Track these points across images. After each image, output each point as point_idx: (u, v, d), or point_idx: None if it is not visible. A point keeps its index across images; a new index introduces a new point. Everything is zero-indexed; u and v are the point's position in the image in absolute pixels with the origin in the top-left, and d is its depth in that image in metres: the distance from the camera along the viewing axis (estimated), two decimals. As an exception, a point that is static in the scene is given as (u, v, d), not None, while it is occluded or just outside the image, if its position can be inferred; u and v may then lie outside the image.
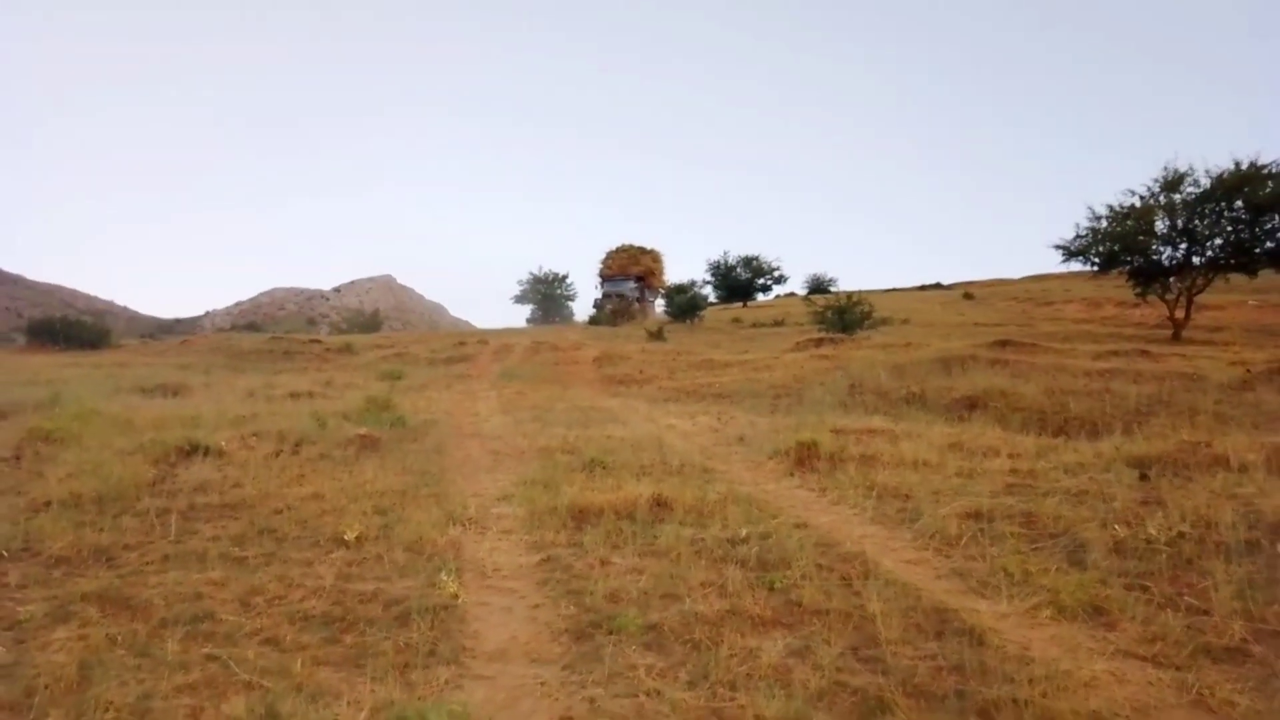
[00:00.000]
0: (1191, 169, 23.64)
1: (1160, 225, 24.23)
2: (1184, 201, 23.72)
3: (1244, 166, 22.74)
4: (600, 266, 55.87)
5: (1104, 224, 25.00)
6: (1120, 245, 24.47)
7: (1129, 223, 24.16)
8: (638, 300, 51.13)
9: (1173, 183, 23.76)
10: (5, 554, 5.47)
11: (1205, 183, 23.36)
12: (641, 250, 55.89)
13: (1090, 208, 25.34)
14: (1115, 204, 24.99)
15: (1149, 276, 24.94)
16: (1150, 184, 24.35)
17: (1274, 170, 22.50)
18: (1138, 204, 24.43)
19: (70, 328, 34.62)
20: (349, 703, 3.43)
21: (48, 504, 6.59)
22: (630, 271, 53.56)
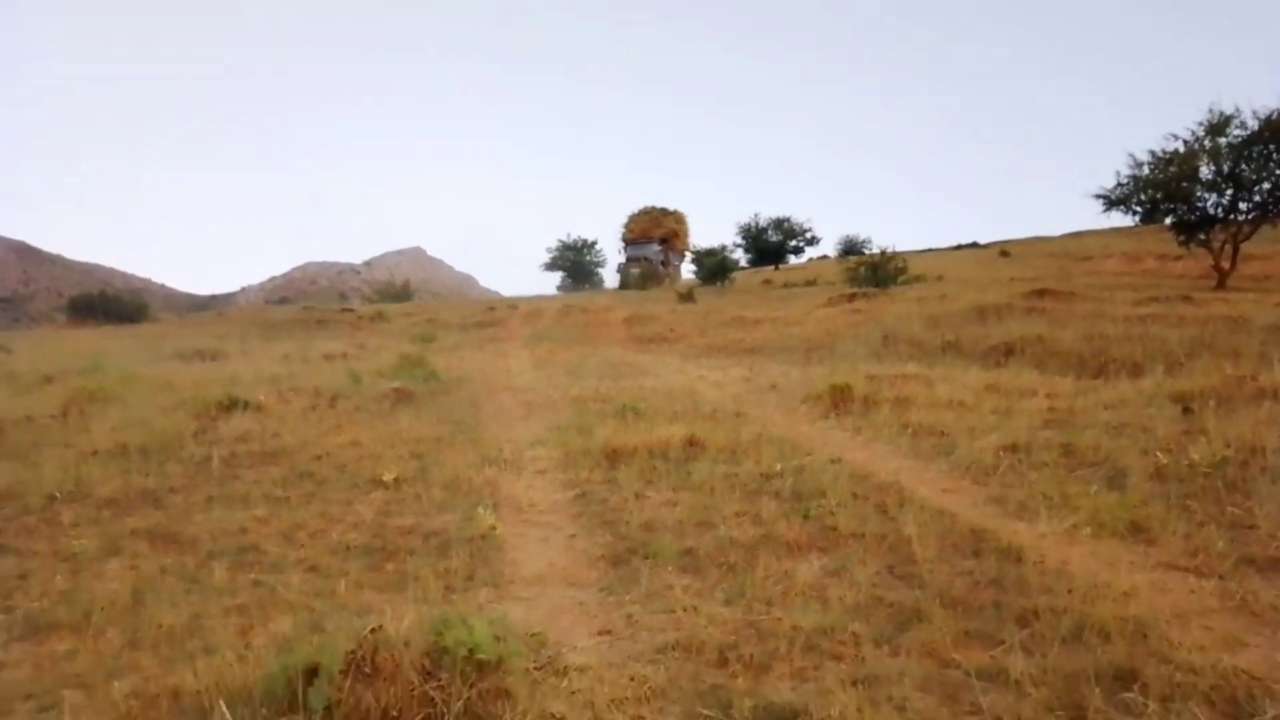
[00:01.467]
0: (1238, 111, 22.65)
1: (1205, 171, 23.39)
2: (1229, 145, 22.86)
3: (1293, 106, 21.88)
4: (622, 230, 53.19)
5: (1145, 171, 24.22)
6: (1163, 193, 23.74)
7: (1172, 169, 23.37)
8: (662, 264, 49.03)
9: (1218, 126, 22.84)
10: (58, 495, 5.63)
11: (1252, 125, 22.48)
12: (665, 212, 53.14)
13: (1131, 154, 24.40)
14: (1158, 149, 24.17)
15: (1193, 227, 24.18)
16: (1194, 128, 23.49)
17: (1326, 110, 21.60)
18: (1181, 149, 23.60)
19: (109, 303, 35.28)
20: (392, 618, 3.50)
21: (95, 453, 6.76)
22: (653, 234, 50.96)
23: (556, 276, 60.51)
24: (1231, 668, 2.79)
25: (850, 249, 53.23)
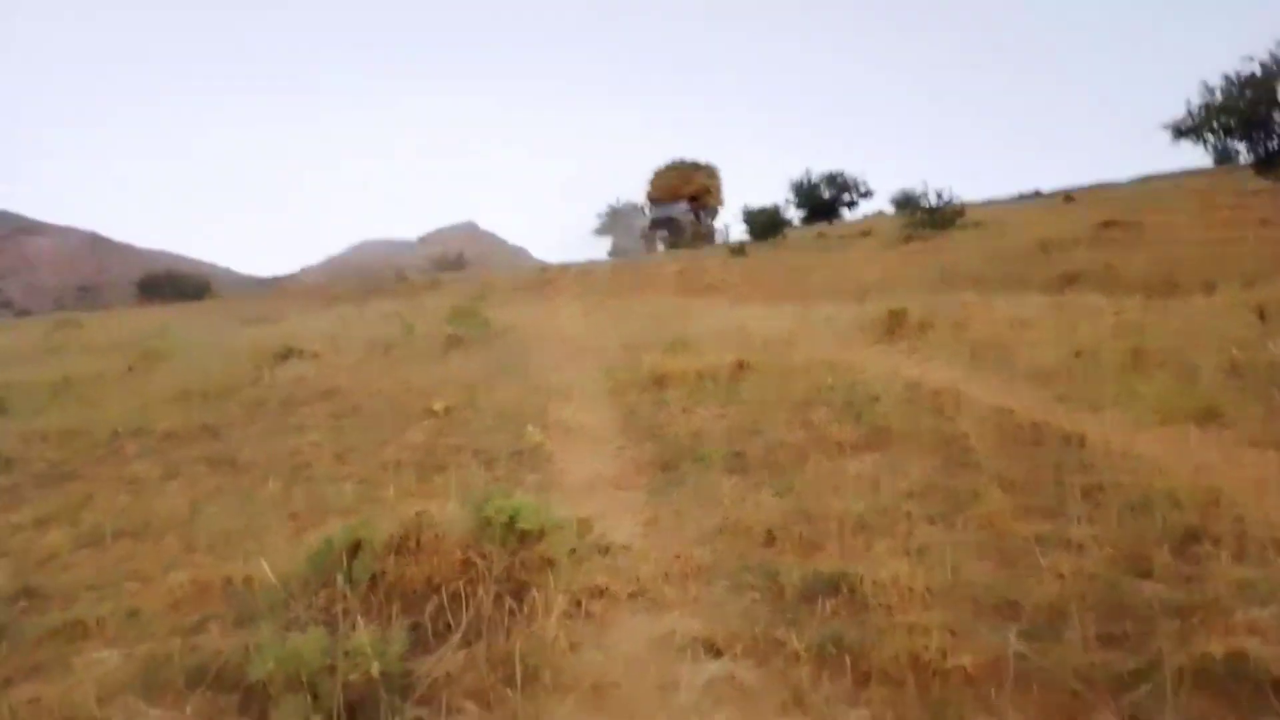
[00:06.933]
0: (1320, 27, 21.41)
1: (1285, 94, 22.10)
2: (1312, 64, 21.55)
3: (1380, 18, 20.49)
4: (648, 188, 48.32)
5: (1219, 97, 22.97)
6: (1238, 120, 22.49)
7: (1248, 93, 22.13)
8: (692, 223, 44.53)
9: (1298, 45, 21.58)
10: (121, 432, 5.81)
11: (1337, 40, 21.13)
12: (695, 167, 47.90)
13: (1204, 81, 23.18)
14: (1232, 74, 22.86)
15: (1273, 158, 22.87)
16: (1273, 49, 22.17)
17: None
18: (1258, 72, 22.31)
19: (176, 282, 36.63)
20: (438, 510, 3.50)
21: (159, 398, 6.96)
22: (682, 192, 46.38)
23: (608, 242, 60.16)
24: (1314, 524, 2.62)
25: (906, 202, 51.68)
